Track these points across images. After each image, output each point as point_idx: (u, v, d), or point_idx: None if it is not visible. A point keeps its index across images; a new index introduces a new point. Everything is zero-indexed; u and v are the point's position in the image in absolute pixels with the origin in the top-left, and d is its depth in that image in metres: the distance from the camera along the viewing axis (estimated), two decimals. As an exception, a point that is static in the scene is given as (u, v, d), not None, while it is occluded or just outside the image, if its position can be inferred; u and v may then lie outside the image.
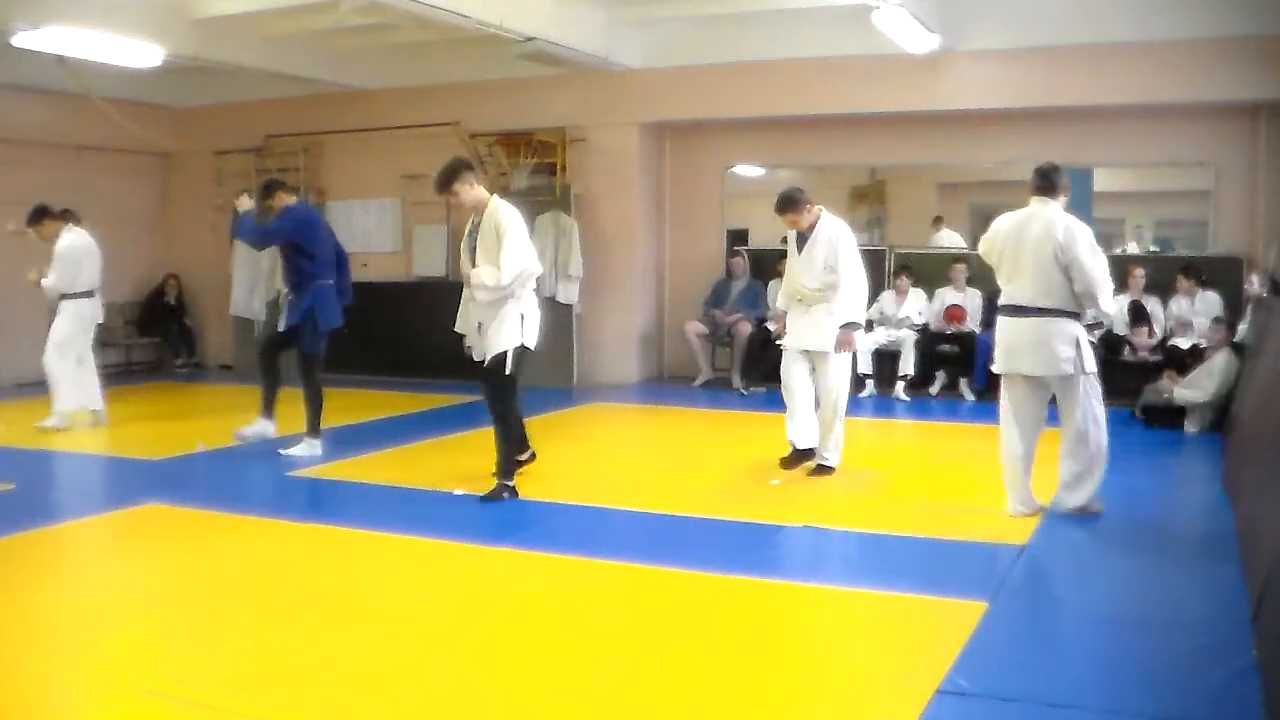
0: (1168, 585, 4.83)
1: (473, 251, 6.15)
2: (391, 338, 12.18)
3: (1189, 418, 8.48)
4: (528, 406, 9.90)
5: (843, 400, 6.80)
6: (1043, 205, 5.62)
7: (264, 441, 7.77)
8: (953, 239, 11.36)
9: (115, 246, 12.65)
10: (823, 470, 6.75)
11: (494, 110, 11.42)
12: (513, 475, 6.27)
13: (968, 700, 3.46)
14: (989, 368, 6.17)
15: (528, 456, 6.72)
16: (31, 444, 8.11)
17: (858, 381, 10.11)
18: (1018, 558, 5.02)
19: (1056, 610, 4.45)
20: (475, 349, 6.29)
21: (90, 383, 8.83)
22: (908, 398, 10.12)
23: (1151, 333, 9.52)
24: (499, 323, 6.11)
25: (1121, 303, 9.06)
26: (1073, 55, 9.58)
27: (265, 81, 11.48)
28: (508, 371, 6.11)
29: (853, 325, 6.71)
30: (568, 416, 9.82)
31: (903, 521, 5.71)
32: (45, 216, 8.78)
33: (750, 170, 11.88)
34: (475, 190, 6.14)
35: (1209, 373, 8.43)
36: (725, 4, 10.05)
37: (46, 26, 8.49)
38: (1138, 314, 9.56)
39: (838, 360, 6.74)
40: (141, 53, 9.30)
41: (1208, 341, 8.64)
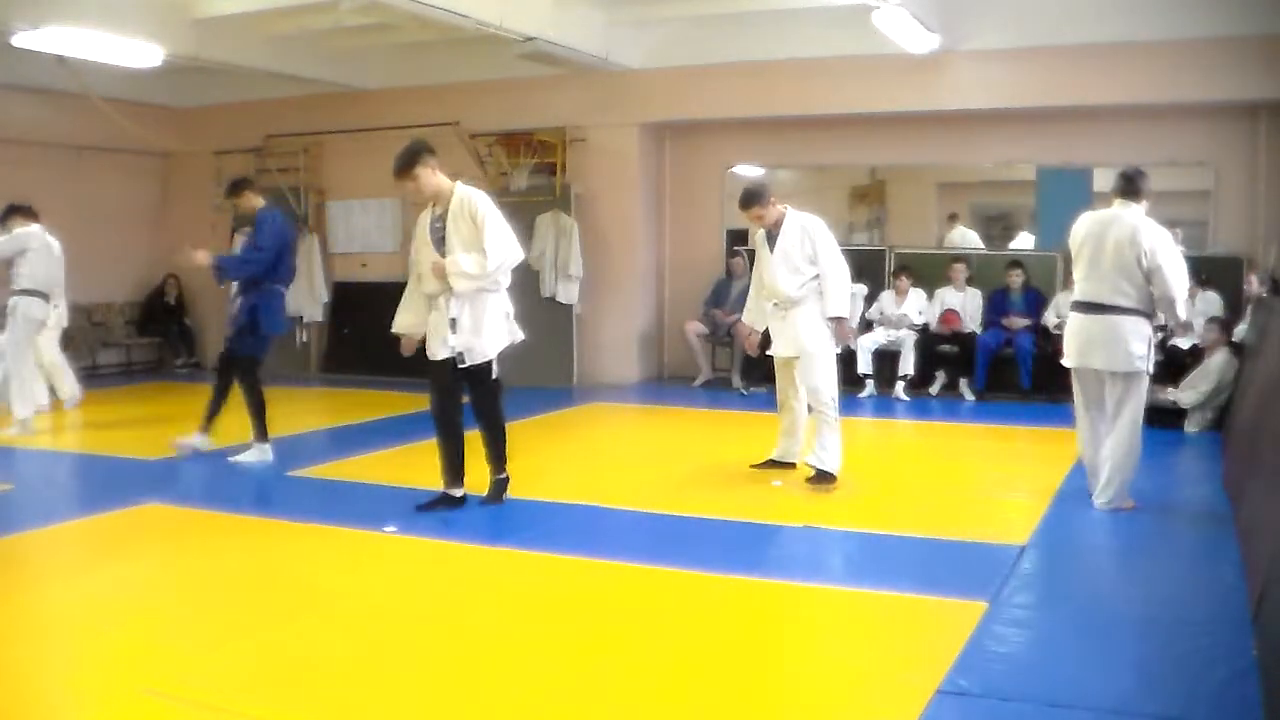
0: (1168, 585, 4.83)
1: (440, 244, 5.75)
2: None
3: (1189, 418, 8.48)
4: (528, 407, 9.99)
5: (835, 400, 6.41)
6: (1125, 208, 5.80)
7: (198, 454, 7.43)
8: (968, 237, 11.37)
9: (115, 246, 12.74)
10: (823, 478, 6.41)
11: (494, 110, 11.42)
12: (505, 468, 6.09)
13: (968, 700, 3.46)
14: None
15: (504, 476, 6.16)
16: (31, 444, 8.11)
17: (858, 381, 10.15)
18: (1018, 558, 5.02)
19: (1056, 610, 4.44)
20: (439, 348, 5.87)
21: (40, 390, 8.77)
22: (908, 398, 10.12)
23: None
24: (482, 322, 5.80)
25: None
26: (1073, 55, 9.58)
27: (265, 81, 11.48)
28: (495, 376, 5.87)
29: (843, 318, 6.48)
30: (568, 416, 9.83)
31: (903, 521, 5.71)
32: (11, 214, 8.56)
33: (750, 170, 11.88)
34: (437, 177, 5.72)
35: (1204, 373, 8.43)
36: (725, 4, 10.04)
37: (46, 26, 8.49)
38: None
39: (821, 361, 6.40)
40: (141, 53, 9.30)
41: (1203, 342, 8.65)
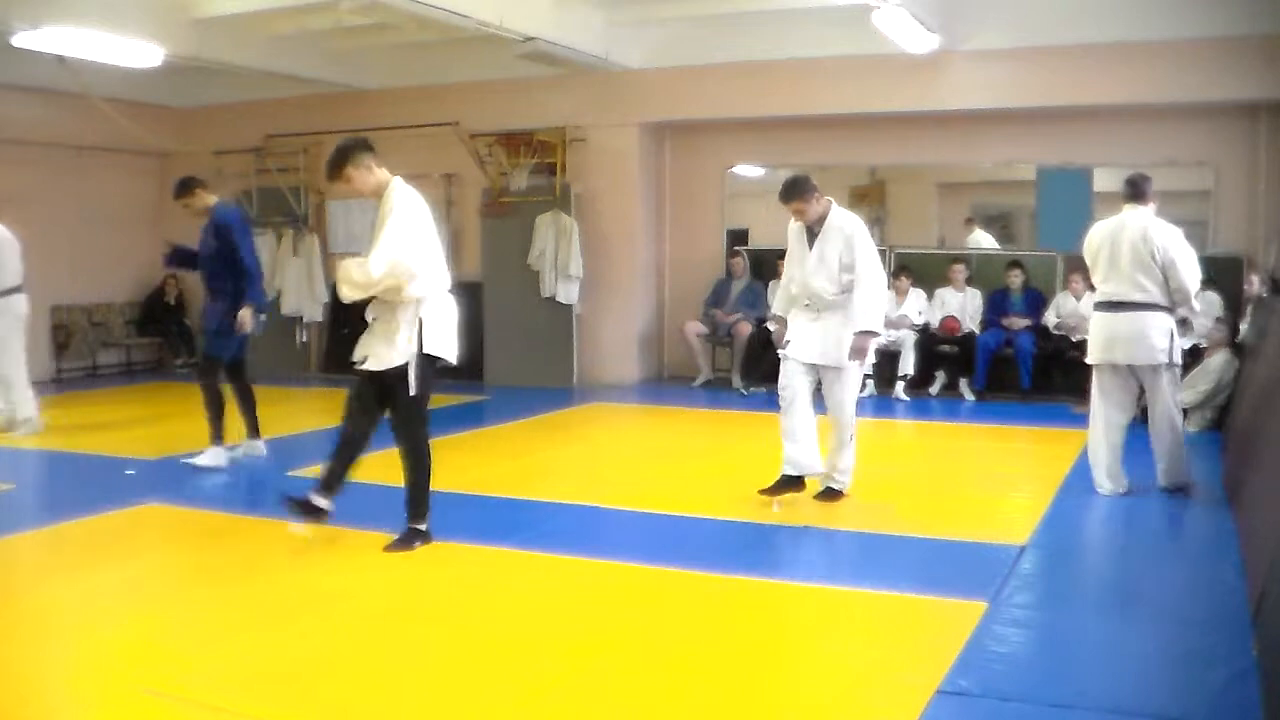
0: (1168, 585, 4.84)
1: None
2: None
3: (1189, 417, 8.47)
4: (528, 407, 10.00)
5: (853, 419, 6.05)
6: (1134, 211, 6.15)
7: (255, 458, 7.34)
8: (984, 240, 11.36)
9: (115, 246, 12.74)
10: (832, 494, 6.08)
11: (494, 110, 11.42)
12: (426, 517, 5.29)
13: (968, 700, 3.46)
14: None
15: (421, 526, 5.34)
16: (31, 444, 8.11)
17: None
18: (1018, 558, 5.02)
19: (1056, 610, 4.44)
20: (359, 353, 5.23)
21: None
22: (908, 398, 10.12)
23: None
24: (390, 328, 5.13)
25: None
26: (1073, 55, 9.58)
27: (265, 81, 11.48)
28: (412, 391, 5.11)
29: (871, 333, 5.87)
30: (568, 416, 9.83)
31: (903, 521, 5.71)
32: None
33: (750, 170, 11.88)
34: (375, 174, 5.16)
35: (1204, 373, 8.43)
36: (725, 4, 10.04)
37: (46, 26, 8.48)
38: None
39: (851, 375, 5.95)
40: (141, 53, 9.30)
41: (1208, 341, 8.64)
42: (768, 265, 10.70)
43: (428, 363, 5.15)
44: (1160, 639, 4.08)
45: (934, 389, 10.41)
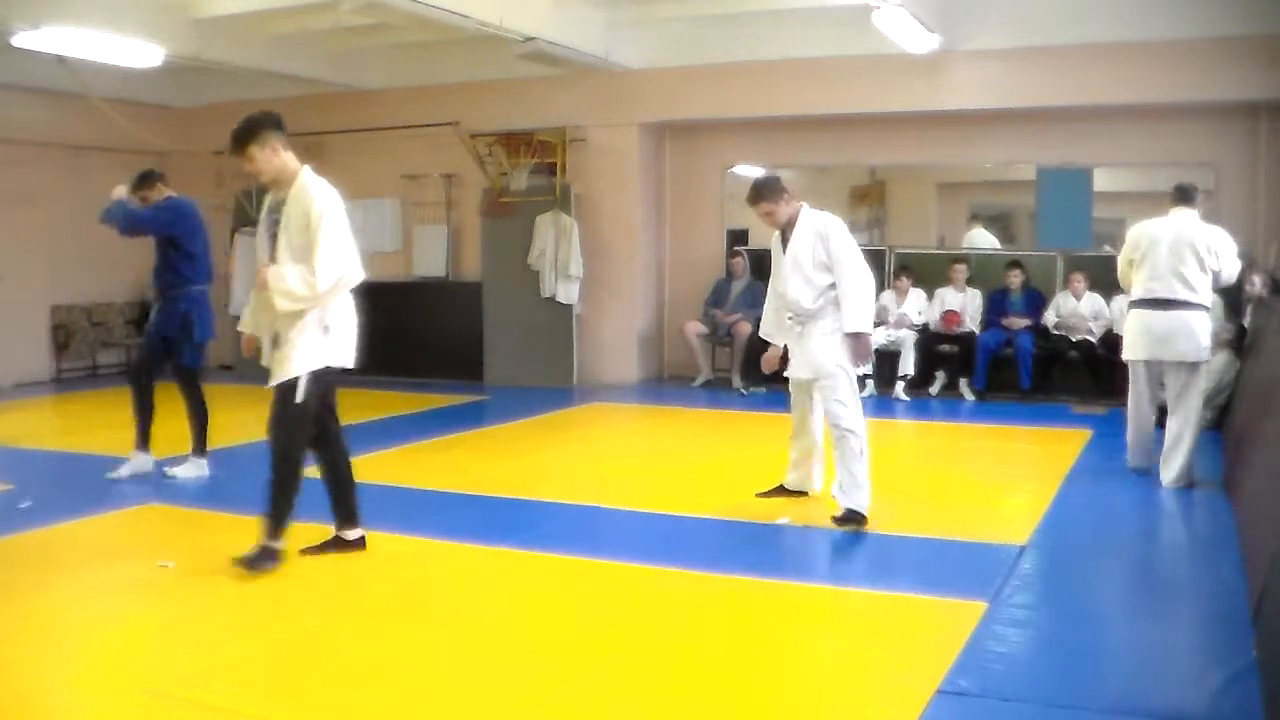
0: (1168, 585, 4.84)
1: (273, 241, 4.76)
2: (391, 338, 12.16)
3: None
4: (528, 407, 10.00)
5: (861, 426, 5.57)
6: (1183, 214, 6.43)
7: (140, 476, 6.79)
8: (986, 239, 11.36)
9: (115, 246, 12.65)
10: (852, 519, 5.49)
11: (494, 110, 11.42)
12: (281, 534, 4.82)
13: (968, 700, 3.46)
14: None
15: (356, 538, 5.10)
16: (31, 444, 8.11)
17: (858, 381, 10.12)
18: (1018, 558, 5.02)
19: (1056, 610, 4.44)
20: (266, 358, 4.91)
21: None
22: (908, 398, 10.11)
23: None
24: (295, 337, 4.73)
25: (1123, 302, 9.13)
26: (1073, 55, 9.58)
27: (265, 81, 11.47)
28: (299, 399, 4.71)
29: (862, 334, 5.55)
30: (568, 416, 9.83)
31: (902, 521, 5.70)
32: None
33: (750, 170, 11.86)
34: (280, 158, 4.71)
35: (1205, 372, 8.41)
36: (725, 4, 10.05)
37: (46, 26, 8.48)
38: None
39: (843, 378, 5.55)
40: (141, 53, 9.30)
41: (1214, 341, 8.62)
42: (768, 265, 10.60)
43: (325, 372, 4.77)
44: (1160, 639, 4.08)
45: (934, 389, 10.40)
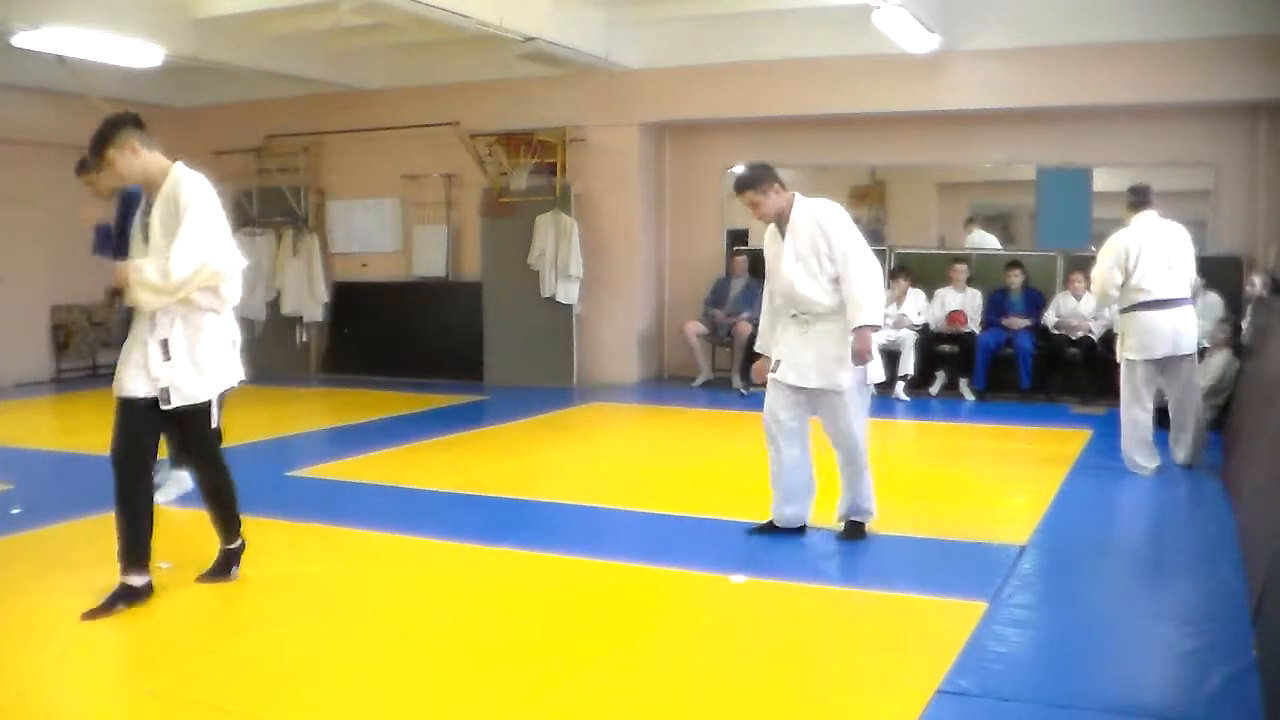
0: (1168, 585, 4.84)
1: (147, 244, 4.34)
2: (391, 338, 12.20)
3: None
4: (528, 407, 9.99)
5: (865, 446, 5.22)
6: (1148, 216, 6.68)
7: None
8: (986, 240, 11.36)
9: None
10: (856, 530, 5.33)
11: (494, 110, 11.42)
12: (238, 532, 4.70)
13: (968, 700, 3.46)
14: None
15: (237, 545, 4.76)
16: (31, 444, 8.11)
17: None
18: (1018, 558, 5.02)
19: (1056, 610, 4.44)
20: (135, 379, 4.31)
21: None
22: (907, 398, 10.11)
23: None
24: (198, 350, 4.35)
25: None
26: (1073, 55, 9.58)
27: (265, 81, 11.48)
28: (214, 424, 4.49)
29: (869, 328, 4.96)
30: (568, 416, 9.83)
31: (903, 521, 5.70)
32: None
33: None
34: (142, 158, 4.30)
35: (1203, 371, 8.43)
36: (725, 4, 10.05)
37: (46, 26, 8.48)
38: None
39: (854, 398, 5.04)
40: (141, 53, 9.30)
41: (1210, 341, 8.64)
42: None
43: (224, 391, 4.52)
44: (1160, 638, 4.08)
45: (934, 389, 10.41)
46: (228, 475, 4.68)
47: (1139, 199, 6.76)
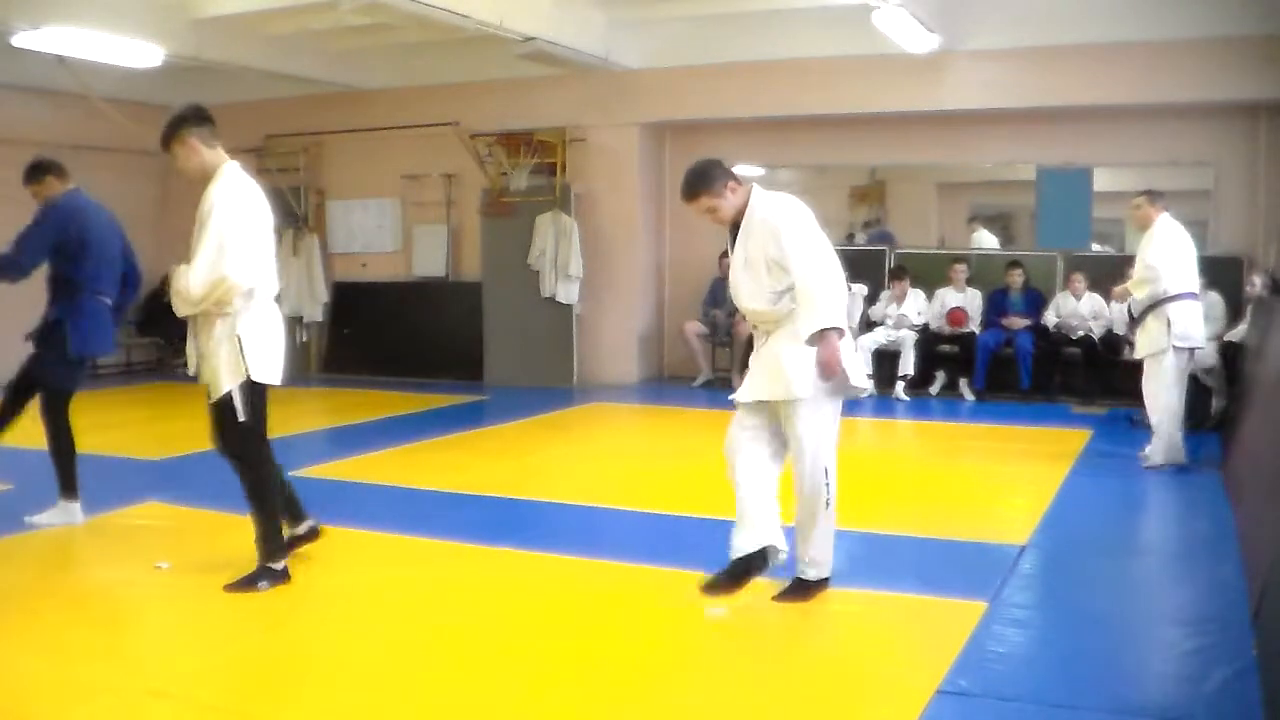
0: (1168, 585, 4.84)
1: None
2: (391, 338, 12.20)
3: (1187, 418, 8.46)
4: (528, 407, 9.99)
5: (831, 470, 4.30)
6: (1165, 213, 7.00)
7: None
8: (987, 240, 11.36)
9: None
10: (802, 589, 4.38)
11: (494, 110, 11.42)
12: (279, 555, 4.60)
13: (968, 700, 3.46)
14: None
15: (306, 530, 4.89)
16: (31, 444, 8.09)
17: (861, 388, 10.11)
18: (1018, 558, 5.02)
19: (1056, 610, 4.45)
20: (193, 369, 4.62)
21: None
22: (907, 398, 10.11)
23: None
24: (213, 350, 4.49)
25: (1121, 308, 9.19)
26: (1073, 55, 9.58)
27: (265, 81, 11.48)
28: (240, 418, 4.52)
29: (827, 331, 4.12)
30: (568, 416, 9.83)
31: (903, 521, 5.71)
32: None
33: (750, 170, 11.86)
34: (201, 155, 4.44)
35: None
36: (725, 4, 10.04)
37: (46, 26, 8.49)
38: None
39: (812, 408, 4.21)
40: (141, 53, 9.31)
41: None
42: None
43: (250, 387, 4.51)
44: (1160, 639, 4.08)
45: (934, 389, 10.41)
46: (260, 474, 4.64)
47: (1158, 198, 7.07)
